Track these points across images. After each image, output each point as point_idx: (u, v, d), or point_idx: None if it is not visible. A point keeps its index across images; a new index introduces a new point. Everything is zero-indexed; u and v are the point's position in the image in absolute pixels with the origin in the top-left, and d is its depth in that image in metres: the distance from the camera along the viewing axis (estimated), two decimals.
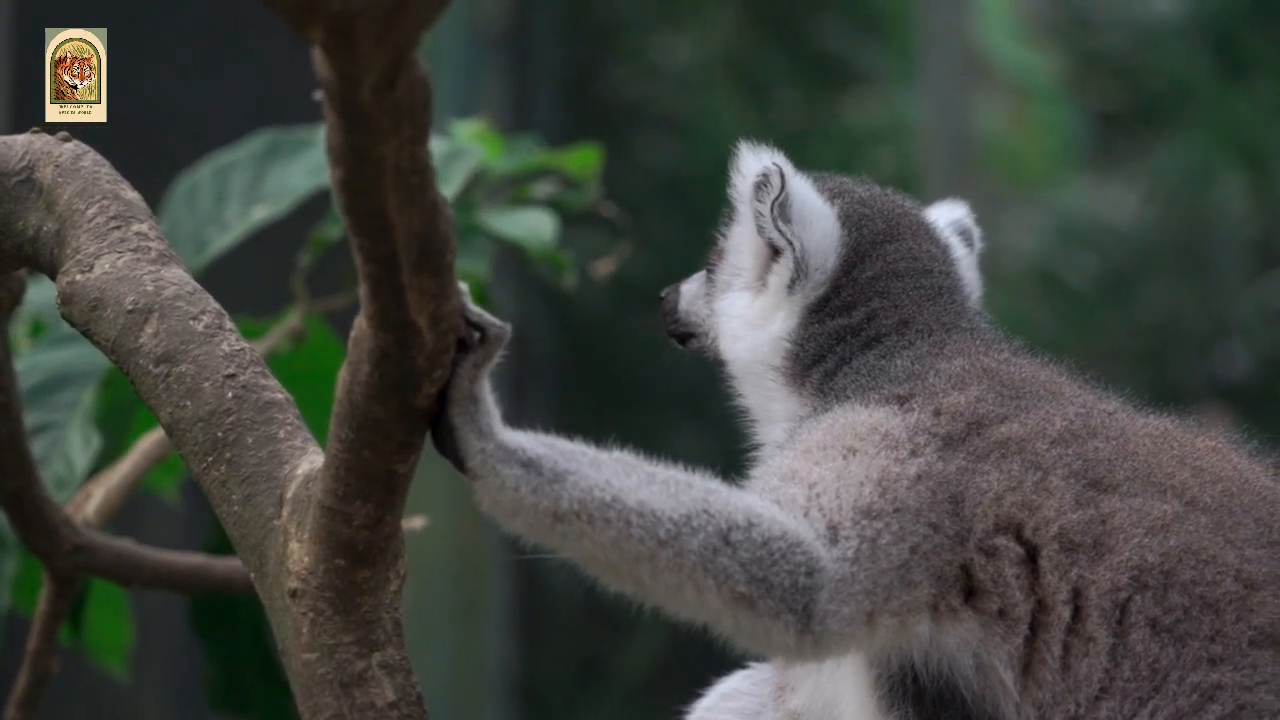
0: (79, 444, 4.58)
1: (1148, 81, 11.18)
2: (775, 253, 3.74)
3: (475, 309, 3.12)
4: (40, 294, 4.58)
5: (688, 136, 11.82)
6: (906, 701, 3.40)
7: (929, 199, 3.97)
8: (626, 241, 5.27)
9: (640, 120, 11.83)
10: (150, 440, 4.57)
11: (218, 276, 4.95)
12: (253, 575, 3.32)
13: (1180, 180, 10.94)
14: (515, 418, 3.16)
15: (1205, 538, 3.37)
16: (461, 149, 4.95)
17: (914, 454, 3.40)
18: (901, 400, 3.51)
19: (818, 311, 3.70)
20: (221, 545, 4.90)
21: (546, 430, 3.28)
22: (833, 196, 3.76)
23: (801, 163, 3.80)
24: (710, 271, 3.84)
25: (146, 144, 5.52)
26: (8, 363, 4.02)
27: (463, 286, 3.10)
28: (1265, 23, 11.05)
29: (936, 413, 3.47)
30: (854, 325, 3.68)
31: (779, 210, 3.69)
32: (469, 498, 3.23)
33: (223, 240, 4.90)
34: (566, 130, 10.82)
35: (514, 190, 5.16)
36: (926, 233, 3.80)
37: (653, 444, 3.72)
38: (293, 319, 4.88)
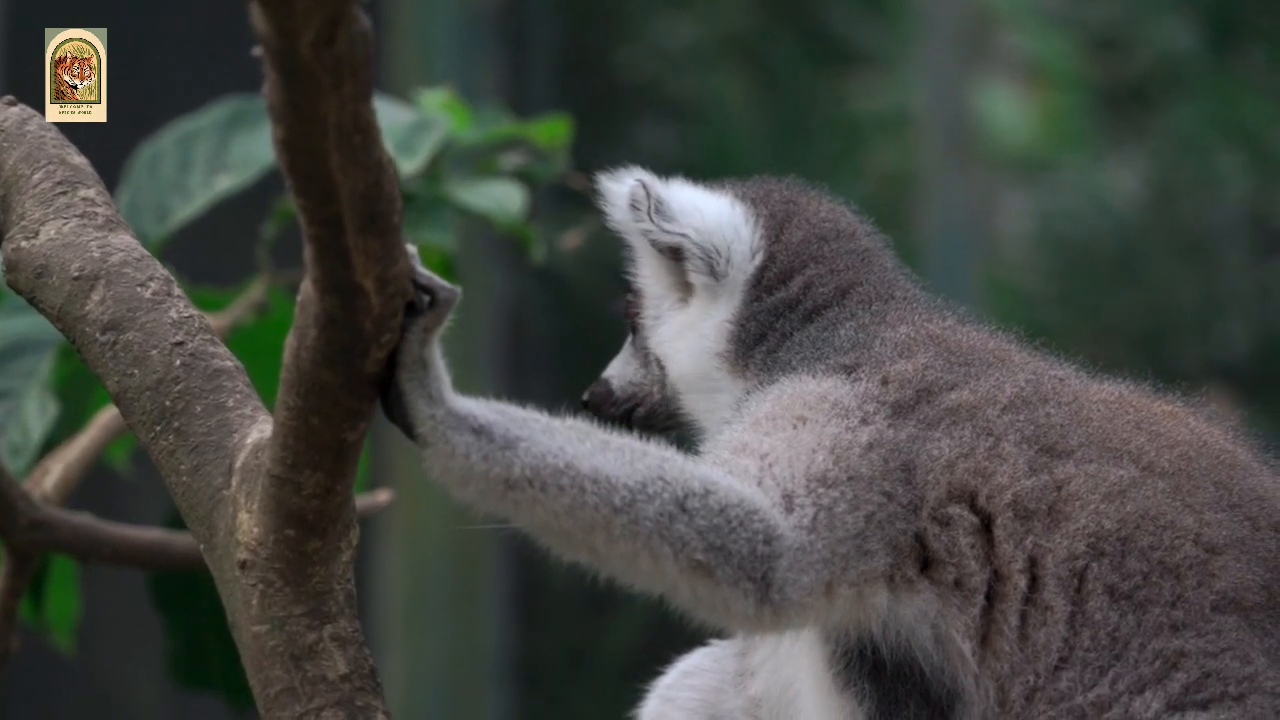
0: (35, 412, 4.53)
1: (1138, 58, 11.10)
2: (678, 255, 3.68)
3: (425, 271, 3.07)
4: None
5: (691, 120, 11.73)
6: (864, 677, 3.35)
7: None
8: (596, 214, 5.19)
9: (642, 103, 11.74)
10: (109, 414, 4.51)
11: (177, 246, 4.89)
12: (202, 547, 3.28)
13: (1176, 158, 10.87)
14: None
15: (1163, 502, 3.33)
16: (429, 119, 4.88)
17: (864, 422, 3.36)
18: (848, 370, 3.47)
19: (757, 286, 3.65)
20: (180, 518, 4.84)
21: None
22: (720, 188, 3.73)
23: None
24: (634, 321, 3.76)
25: (145, 123, 5.46)
26: None
27: (411, 249, 3.04)
28: None
29: (884, 381, 3.43)
30: (793, 297, 3.64)
31: (657, 217, 3.64)
32: None
33: (186, 209, 4.84)
34: (565, 114, 10.73)
35: (481, 161, 5.09)
36: (834, 202, 3.77)
37: None
38: (256, 290, 4.81)
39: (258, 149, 4.89)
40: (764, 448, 3.33)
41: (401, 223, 2.97)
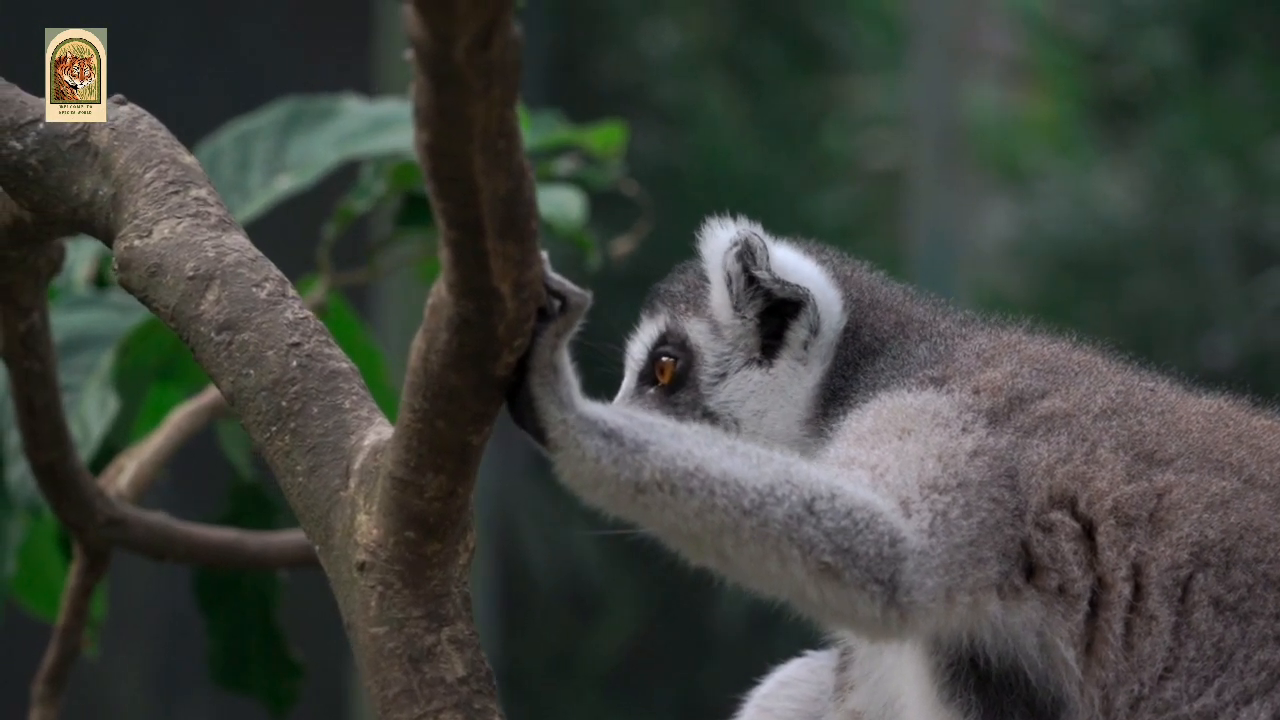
0: (95, 407, 4.51)
1: (1127, 71, 11.17)
2: (766, 316, 3.65)
3: (556, 276, 3.08)
4: None
5: (677, 124, 11.75)
6: (970, 690, 3.37)
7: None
8: (644, 220, 5.19)
9: (628, 108, 11.76)
10: (183, 413, 4.50)
11: None
12: (317, 548, 3.26)
13: (1164, 169, 10.94)
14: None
15: (1266, 515, 3.36)
16: None
17: (965, 430, 3.39)
18: (938, 382, 3.50)
19: (841, 345, 3.66)
20: (236, 515, 4.83)
21: None
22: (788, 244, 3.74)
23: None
24: (675, 376, 3.69)
25: None
26: (46, 331, 3.96)
27: (544, 254, 3.04)
28: (1245, 7, 11.05)
29: (976, 390, 3.46)
30: (864, 345, 3.66)
31: (773, 268, 3.63)
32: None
33: (246, 209, 4.82)
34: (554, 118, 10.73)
35: (535, 167, 5.07)
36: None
37: None
38: (317, 291, 4.80)
39: (317, 150, 4.89)
40: (872, 460, 3.36)
41: (539, 228, 2.98)
